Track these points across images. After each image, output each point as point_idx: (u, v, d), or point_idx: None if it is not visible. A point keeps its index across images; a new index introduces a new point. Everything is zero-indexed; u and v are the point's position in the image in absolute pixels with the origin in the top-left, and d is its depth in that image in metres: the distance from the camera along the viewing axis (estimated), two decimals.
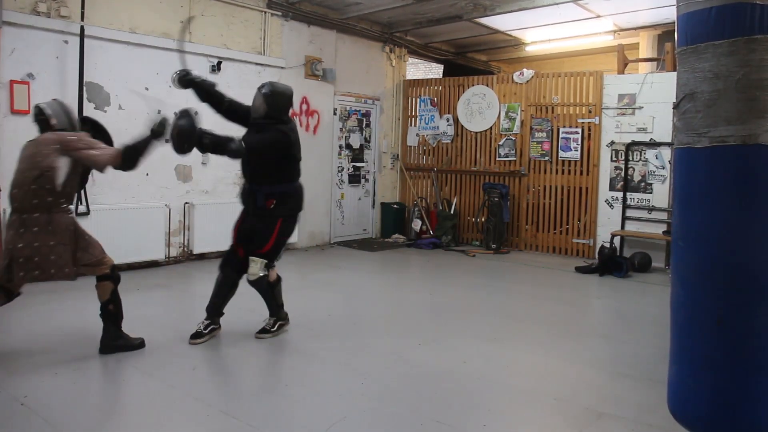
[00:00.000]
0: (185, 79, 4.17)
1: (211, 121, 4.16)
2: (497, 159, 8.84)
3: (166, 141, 3.75)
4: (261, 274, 4.14)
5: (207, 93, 4.26)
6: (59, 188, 3.54)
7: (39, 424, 2.85)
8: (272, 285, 4.28)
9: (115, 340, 3.80)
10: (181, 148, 3.74)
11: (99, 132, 4.12)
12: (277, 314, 4.38)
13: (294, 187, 4.29)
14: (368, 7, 8.16)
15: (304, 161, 4.59)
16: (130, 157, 3.66)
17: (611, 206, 7.92)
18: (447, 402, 3.27)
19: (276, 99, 4.21)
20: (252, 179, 4.24)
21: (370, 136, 9.45)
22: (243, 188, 4.37)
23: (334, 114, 8.77)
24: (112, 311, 3.77)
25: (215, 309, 4.26)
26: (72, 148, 3.57)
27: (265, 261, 4.16)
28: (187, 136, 3.67)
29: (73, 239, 3.61)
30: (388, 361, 3.94)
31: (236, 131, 4.10)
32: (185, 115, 3.67)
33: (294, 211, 4.30)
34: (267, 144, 4.09)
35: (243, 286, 4.22)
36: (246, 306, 5.07)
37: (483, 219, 8.73)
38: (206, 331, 4.17)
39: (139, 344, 3.89)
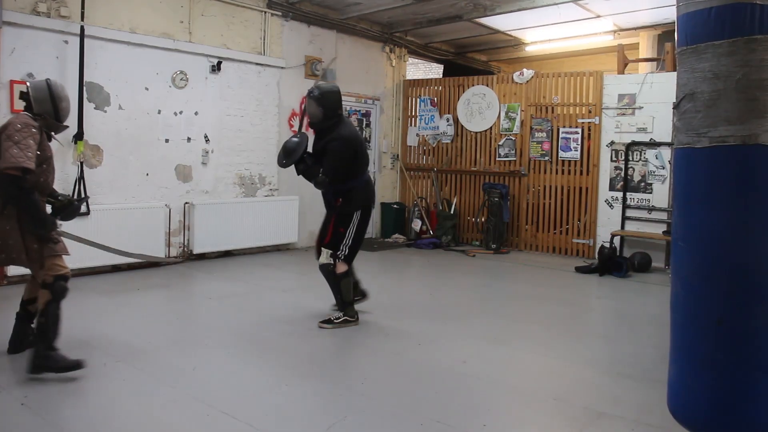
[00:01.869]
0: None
1: None
2: (497, 159, 8.84)
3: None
4: (324, 262, 4.51)
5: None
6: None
7: (39, 424, 2.85)
8: (338, 276, 4.49)
9: (42, 359, 3.35)
10: (281, 162, 4.44)
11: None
12: (344, 310, 4.56)
13: (357, 183, 4.53)
14: (368, 7, 8.16)
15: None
16: (22, 198, 3.30)
17: (611, 206, 7.92)
18: (447, 402, 3.27)
19: (327, 98, 4.45)
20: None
21: (370, 136, 9.44)
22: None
23: None
24: (42, 324, 3.38)
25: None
26: (6, 135, 3.28)
27: (330, 251, 4.50)
28: (290, 152, 4.37)
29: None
30: (388, 361, 3.94)
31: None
32: (300, 136, 4.38)
33: (353, 208, 4.51)
34: (335, 161, 4.38)
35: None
36: (248, 309, 5.07)
37: (483, 219, 8.73)
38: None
39: (73, 365, 3.38)
